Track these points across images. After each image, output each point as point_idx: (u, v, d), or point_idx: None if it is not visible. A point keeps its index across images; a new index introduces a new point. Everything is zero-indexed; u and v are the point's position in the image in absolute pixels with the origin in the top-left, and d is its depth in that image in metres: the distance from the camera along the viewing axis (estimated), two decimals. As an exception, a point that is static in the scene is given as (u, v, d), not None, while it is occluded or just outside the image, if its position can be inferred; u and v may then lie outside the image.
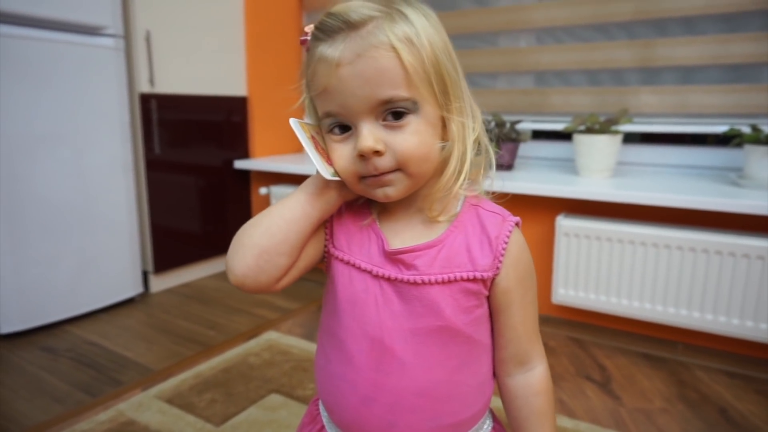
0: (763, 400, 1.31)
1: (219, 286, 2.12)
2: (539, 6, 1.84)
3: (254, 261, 0.53)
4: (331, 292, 0.59)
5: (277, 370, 1.42)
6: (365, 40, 0.50)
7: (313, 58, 0.53)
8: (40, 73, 1.60)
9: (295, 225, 0.54)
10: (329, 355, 0.60)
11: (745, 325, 1.36)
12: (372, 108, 0.51)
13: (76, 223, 1.73)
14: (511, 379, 0.61)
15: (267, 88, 2.34)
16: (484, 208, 0.58)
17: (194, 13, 2.03)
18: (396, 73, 0.50)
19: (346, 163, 0.53)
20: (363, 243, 0.58)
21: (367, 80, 0.50)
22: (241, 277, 0.53)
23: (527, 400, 0.60)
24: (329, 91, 0.51)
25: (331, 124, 0.54)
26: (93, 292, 1.80)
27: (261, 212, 0.55)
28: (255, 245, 0.53)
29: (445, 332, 0.55)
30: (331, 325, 0.59)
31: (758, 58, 1.54)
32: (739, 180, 1.48)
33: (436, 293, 0.54)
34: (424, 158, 0.53)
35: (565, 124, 1.68)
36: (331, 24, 0.51)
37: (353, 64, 0.50)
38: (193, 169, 2.12)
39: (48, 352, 1.55)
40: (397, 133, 0.51)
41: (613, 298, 1.52)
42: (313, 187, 0.56)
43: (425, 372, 0.55)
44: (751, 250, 1.32)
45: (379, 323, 0.55)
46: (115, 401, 1.28)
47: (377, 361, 0.55)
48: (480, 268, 0.55)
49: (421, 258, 0.55)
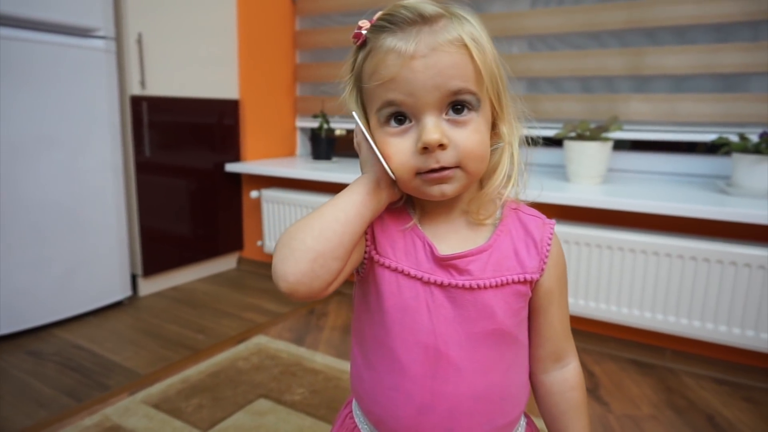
0: (751, 407, 1.31)
1: (208, 290, 2.11)
2: (532, 13, 1.85)
3: (309, 266, 0.50)
4: (374, 301, 0.57)
5: (265, 375, 1.42)
6: (439, 35, 0.50)
7: (378, 50, 0.52)
8: (30, 75, 1.58)
9: (350, 227, 0.52)
10: (376, 366, 0.58)
11: (732, 332, 1.37)
12: (440, 100, 0.51)
13: (65, 226, 1.72)
14: (548, 376, 0.64)
15: (259, 92, 2.34)
16: (523, 212, 0.61)
17: (187, 15, 2.02)
18: (467, 68, 0.51)
19: (405, 157, 0.52)
20: (408, 249, 0.56)
21: (439, 71, 0.50)
22: (294, 284, 0.50)
23: (564, 395, 0.63)
24: (397, 81, 0.51)
25: (389, 114, 0.52)
26: (81, 296, 1.79)
27: (310, 215, 0.53)
28: (310, 249, 0.50)
29: (497, 335, 0.56)
30: (377, 334, 0.58)
31: (747, 68, 1.55)
32: (727, 188, 1.49)
33: (490, 297, 0.55)
34: (482, 157, 0.54)
35: (557, 131, 1.69)
36: (404, 16, 0.51)
37: (427, 57, 0.50)
38: (184, 172, 2.10)
39: (34, 356, 1.53)
40: (459, 129, 0.52)
41: (602, 304, 1.52)
42: (366, 187, 0.54)
43: (481, 376, 0.56)
44: (738, 257, 1.33)
45: (432, 330, 0.55)
46: (101, 406, 1.27)
47: (433, 368, 0.55)
48: (529, 270, 0.57)
49: (474, 263, 0.55)
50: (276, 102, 2.42)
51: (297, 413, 1.24)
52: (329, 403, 1.28)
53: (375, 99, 0.53)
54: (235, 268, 2.41)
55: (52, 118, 1.65)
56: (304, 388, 1.35)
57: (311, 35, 2.41)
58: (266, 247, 2.25)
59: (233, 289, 2.13)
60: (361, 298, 0.60)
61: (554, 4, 1.82)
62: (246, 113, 2.30)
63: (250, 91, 2.30)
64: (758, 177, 1.42)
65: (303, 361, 1.50)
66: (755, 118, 1.56)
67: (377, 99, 0.53)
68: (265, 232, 2.24)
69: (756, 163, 1.42)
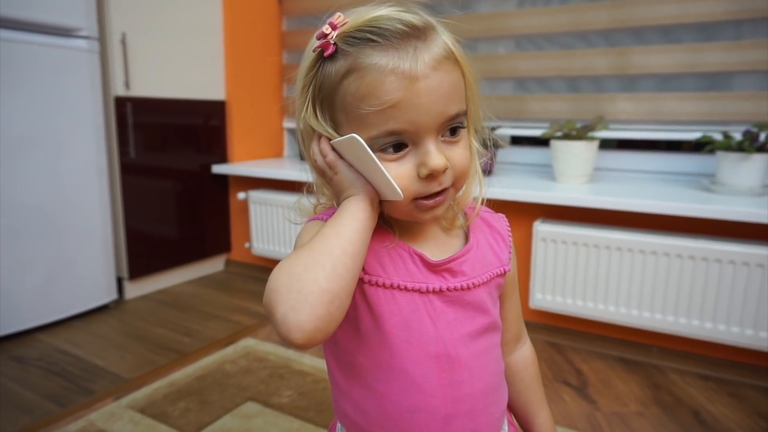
0: (736, 403, 1.33)
1: (195, 292, 2.09)
2: (518, 13, 1.85)
3: (326, 310, 0.44)
4: (369, 325, 0.54)
5: (253, 378, 1.40)
6: (433, 49, 0.48)
7: (369, 69, 0.47)
8: (12, 75, 1.56)
9: (359, 259, 0.48)
10: (385, 393, 0.54)
11: (717, 329, 1.38)
12: (440, 125, 0.49)
13: (49, 228, 1.69)
14: (511, 357, 0.68)
15: (246, 92, 2.32)
16: (481, 210, 0.62)
17: (172, 15, 2.00)
18: (461, 87, 0.50)
19: (406, 183, 0.49)
20: (397, 264, 0.54)
21: (442, 95, 0.47)
22: (312, 331, 0.43)
23: (528, 370, 0.69)
24: (401, 108, 0.46)
25: (389, 142, 0.49)
26: (65, 299, 1.76)
27: (312, 250, 0.46)
28: (326, 291, 0.44)
29: (491, 327, 0.59)
30: (380, 359, 0.54)
31: (730, 67, 1.57)
32: (711, 186, 1.50)
33: (481, 293, 0.57)
34: (469, 174, 0.54)
35: (543, 130, 1.69)
36: (396, 28, 0.47)
37: (429, 78, 0.46)
38: (170, 173, 2.08)
39: (17, 361, 1.51)
40: (454, 148, 0.51)
41: (590, 302, 1.53)
42: (365, 212, 0.50)
43: (486, 369, 0.57)
44: (723, 254, 1.34)
45: (440, 338, 0.54)
46: (86, 411, 1.25)
47: (449, 376, 0.54)
48: (504, 262, 0.61)
49: (466, 263, 0.57)
50: (263, 103, 2.40)
51: (285, 416, 1.23)
52: (318, 406, 1.28)
53: (369, 126, 0.48)
54: (222, 270, 2.39)
55: (33, 119, 1.62)
56: (292, 391, 1.34)
57: (298, 35, 2.40)
58: (254, 249, 2.23)
59: (221, 291, 2.12)
60: (346, 328, 0.55)
61: (541, 4, 1.83)
62: (232, 114, 2.28)
63: (237, 91, 2.28)
64: (742, 174, 1.44)
65: (291, 363, 1.49)
66: (738, 116, 1.57)
67: (373, 127, 0.48)
68: (252, 234, 2.22)
69: (740, 161, 1.43)
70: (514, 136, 1.95)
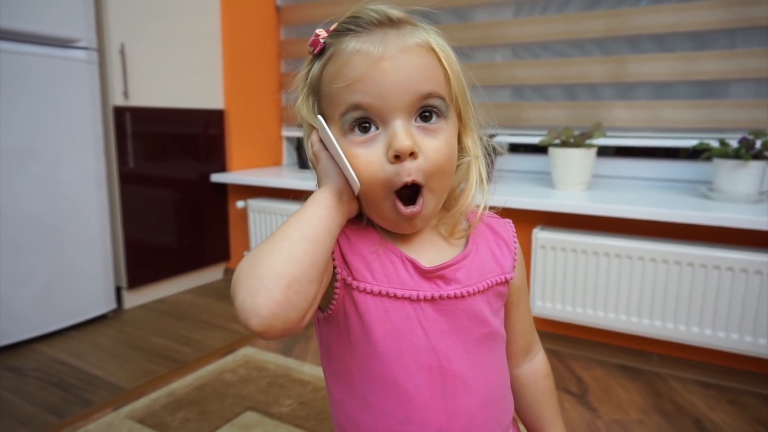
0: (736, 411, 1.32)
1: (195, 301, 2.08)
2: (515, 22, 1.86)
3: (283, 294, 0.43)
4: (359, 333, 0.53)
5: (253, 387, 1.40)
6: (406, 38, 0.50)
7: (342, 53, 0.50)
8: (11, 86, 1.56)
9: (319, 246, 0.47)
10: (376, 404, 0.53)
11: (717, 336, 1.38)
12: (409, 105, 0.49)
13: (47, 238, 1.69)
14: (521, 370, 0.66)
15: (244, 101, 2.33)
16: (485, 215, 0.61)
17: (170, 25, 2.01)
18: (436, 71, 0.51)
19: (375, 168, 0.49)
20: (387, 269, 0.52)
21: (409, 73, 0.49)
22: (269, 317, 0.43)
23: (538, 384, 0.66)
24: (364, 82, 0.48)
25: (354, 119, 0.49)
26: (63, 309, 1.75)
27: (272, 237, 0.47)
28: (282, 275, 0.44)
29: (490, 338, 0.57)
30: (370, 369, 0.53)
31: (725, 75, 1.58)
32: (709, 193, 1.51)
33: (478, 302, 0.55)
34: (448, 173, 0.52)
35: (541, 138, 1.70)
36: (371, 17, 0.50)
37: (395, 58, 0.48)
38: (169, 182, 2.09)
39: (14, 372, 1.50)
40: (429, 137, 0.50)
41: (590, 309, 1.53)
42: (329, 200, 0.49)
43: (485, 382, 0.55)
44: (721, 261, 1.35)
45: (432, 349, 0.52)
46: (84, 422, 1.24)
47: (441, 388, 0.52)
48: (506, 270, 0.58)
49: (460, 270, 0.55)
50: (261, 111, 2.41)
51: (285, 425, 1.23)
52: (318, 415, 1.27)
53: (338, 103, 0.50)
54: (221, 279, 2.39)
55: (33, 130, 1.62)
56: (292, 400, 1.34)
57: (296, 44, 2.41)
58: (253, 258, 2.23)
59: (220, 300, 2.11)
60: (338, 336, 0.55)
61: (537, 13, 1.85)
62: (231, 123, 2.29)
63: (235, 100, 2.29)
64: (739, 181, 1.44)
65: (291, 372, 1.48)
66: (734, 124, 1.58)
67: (341, 103, 0.50)
68: (252, 243, 2.22)
69: (736, 168, 1.44)
70: (512, 144, 1.95)
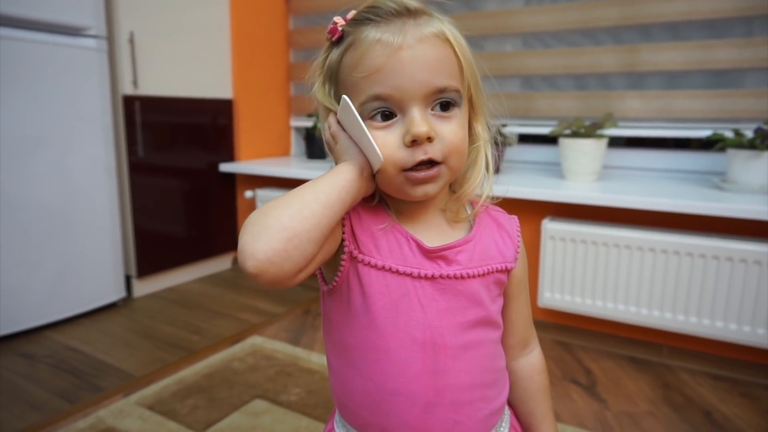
0: (747, 403, 1.31)
1: (204, 290, 2.09)
2: (526, 11, 1.84)
3: (282, 245, 0.46)
4: (359, 304, 0.55)
5: (261, 375, 1.41)
6: (424, 28, 0.51)
7: (362, 42, 0.52)
8: (21, 74, 1.57)
9: (329, 210, 0.49)
10: (369, 374, 0.56)
11: (728, 328, 1.37)
12: (426, 95, 0.51)
13: (58, 227, 1.70)
14: (516, 363, 0.67)
15: (253, 91, 2.32)
16: (490, 208, 0.63)
17: (179, 14, 2.01)
18: (452, 63, 0.53)
19: (391, 150, 0.52)
20: (392, 246, 0.55)
21: (426, 65, 0.51)
22: (264, 262, 0.45)
23: (532, 379, 0.67)
24: (384, 73, 0.50)
25: (376, 109, 0.52)
26: (74, 297, 1.77)
27: (286, 195, 0.50)
28: (285, 228, 0.46)
29: (485, 322, 0.58)
30: (366, 339, 0.55)
31: (740, 64, 1.56)
32: (722, 184, 1.49)
33: (477, 285, 0.57)
34: (464, 153, 0.55)
35: (551, 128, 1.69)
36: (389, 7, 0.52)
37: (413, 48, 0.50)
38: (178, 172, 2.09)
39: (26, 358, 1.52)
40: (445, 123, 0.53)
41: (599, 301, 1.52)
42: (350, 173, 0.52)
43: (476, 363, 0.57)
44: (734, 253, 1.33)
45: (427, 324, 0.55)
46: (95, 408, 1.26)
47: (432, 363, 0.55)
48: (508, 260, 0.60)
49: (462, 253, 0.57)
50: (270, 101, 2.41)
51: (293, 413, 1.23)
52: (325, 403, 1.27)
53: (359, 92, 0.52)
54: (230, 268, 2.40)
55: (42, 118, 1.63)
56: (300, 388, 1.34)
57: (305, 34, 2.40)
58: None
59: (228, 289, 2.12)
60: (339, 307, 0.57)
61: (548, 2, 1.82)
62: (240, 113, 2.29)
63: (244, 90, 2.29)
64: (753, 172, 1.42)
65: (299, 361, 1.49)
66: (749, 114, 1.56)
67: (361, 92, 0.52)
68: (260, 232, 2.22)
69: (751, 159, 1.42)
70: (522, 134, 1.94)
